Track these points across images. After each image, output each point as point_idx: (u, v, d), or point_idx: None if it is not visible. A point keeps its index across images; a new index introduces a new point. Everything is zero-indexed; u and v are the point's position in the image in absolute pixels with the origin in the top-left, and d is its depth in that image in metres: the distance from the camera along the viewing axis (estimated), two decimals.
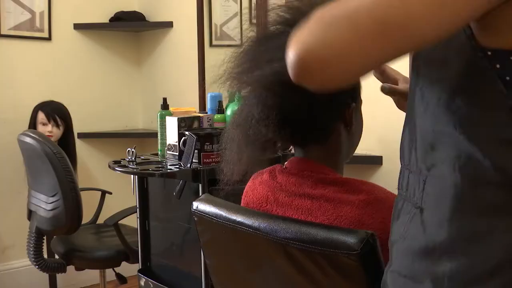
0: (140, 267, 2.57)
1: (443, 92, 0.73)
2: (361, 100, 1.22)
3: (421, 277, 0.73)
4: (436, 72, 0.75)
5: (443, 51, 0.73)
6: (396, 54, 0.65)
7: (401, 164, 0.83)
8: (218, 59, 1.17)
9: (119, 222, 2.55)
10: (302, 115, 1.12)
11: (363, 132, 1.26)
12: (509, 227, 0.67)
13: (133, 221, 2.65)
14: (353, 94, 1.18)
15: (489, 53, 0.67)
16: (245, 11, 3.04)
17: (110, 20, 3.52)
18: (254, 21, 1.22)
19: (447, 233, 0.70)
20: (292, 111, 1.11)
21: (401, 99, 1.17)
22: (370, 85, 1.23)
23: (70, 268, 2.70)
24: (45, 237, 2.67)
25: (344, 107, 1.16)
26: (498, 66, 0.67)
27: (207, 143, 2.16)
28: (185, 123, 2.29)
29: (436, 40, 0.65)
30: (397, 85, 1.17)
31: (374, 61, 0.65)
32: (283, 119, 1.11)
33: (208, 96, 2.62)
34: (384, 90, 1.15)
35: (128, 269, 2.89)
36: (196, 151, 2.15)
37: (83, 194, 2.52)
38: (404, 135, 0.83)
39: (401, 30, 0.61)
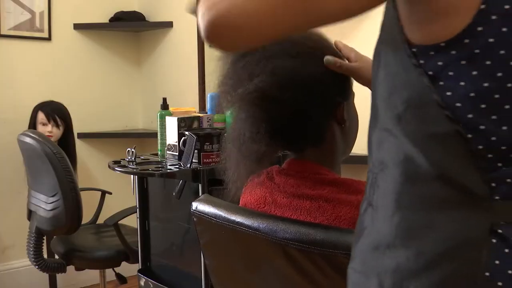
0: (140, 267, 2.57)
1: (384, 91, 0.75)
2: (353, 94, 1.22)
3: (369, 272, 0.75)
4: (380, 72, 0.76)
5: (385, 50, 0.75)
6: (309, 23, 0.68)
7: None
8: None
9: (119, 222, 2.55)
10: (291, 123, 1.12)
11: (363, 133, 1.25)
12: (446, 221, 0.68)
13: (133, 221, 2.65)
14: (343, 92, 1.18)
15: (414, 49, 0.69)
16: None
17: (110, 20, 3.52)
18: None
19: (389, 229, 0.72)
20: (281, 121, 1.11)
21: (355, 77, 1.17)
22: None
23: (70, 268, 2.70)
24: (45, 237, 2.67)
25: (334, 107, 1.16)
26: (422, 61, 0.69)
27: (207, 143, 2.16)
28: (185, 123, 2.30)
29: (343, 15, 0.69)
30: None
31: (287, 27, 0.69)
32: (273, 131, 1.11)
33: (208, 96, 2.62)
34: (327, 61, 1.12)
35: (128, 269, 2.89)
36: (196, 151, 2.15)
37: (83, 194, 2.52)
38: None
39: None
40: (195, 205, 1.22)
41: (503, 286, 0.68)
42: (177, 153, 2.28)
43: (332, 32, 1.09)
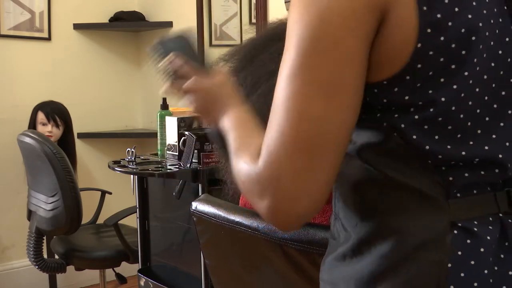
0: (140, 267, 2.57)
1: None
2: None
3: (337, 282, 0.76)
4: None
5: None
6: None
7: None
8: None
9: (119, 222, 2.55)
10: None
11: None
12: (407, 225, 0.70)
13: (133, 221, 2.65)
14: None
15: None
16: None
17: (109, 20, 3.52)
18: (253, 21, 1.22)
19: (354, 237, 0.75)
20: None
21: None
22: None
23: (70, 268, 2.70)
24: (45, 237, 2.67)
25: None
26: (368, 99, 0.72)
27: (207, 143, 2.16)
28: (184, 123, 2.30)
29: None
30: None
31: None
32: None
33: None
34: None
35: (128, 269, 2.89)
36: (195, 151, 2.15)
37: (83, 194, 2.52)
38: None
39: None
40: (195, 205, 1.22)
41: (465, 277, 0.68)
42: (177, 153, 2.28)
43: None
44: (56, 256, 2.75)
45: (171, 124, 2.31)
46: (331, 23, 0.66)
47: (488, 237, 0.70)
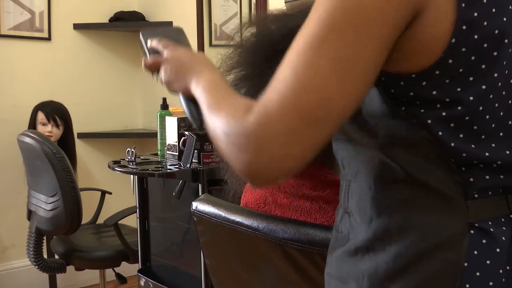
0: (140, 267, 2.57)
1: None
2: None
3: (347, 278, 0.76)
4: None
5: None
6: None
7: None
8: (218, 59, 1.17)
9: (119, 222, 2.55)
10: None
11: None
12: (423, 223, 0.71)
13: (133, 221, 2.64)
14: None
15: (382, 78, 0.72)
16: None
17: (109, 20, 3.51)
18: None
19: (368, 233, 0.74)
20: None
21: None
22: None
23: (70, 268, 2.70)
24: (45, 237, 2.67)
25: None
26: (392, 90, 0.72)
27: (207, 143, 2.16)
28: (185, 123, 2.30)
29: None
30: None
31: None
32: None
33: None
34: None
35: (128, 269, 2.89)
36: (195, 151, 2.15)
37: (83, 194, 2.52)
38: None
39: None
40: (195, 204, 1.22)
41: (481, 276, 0.69)
42: (177, 153, 2.28)
43: None
44: (56, 256, 2.75)
45: (171, 124, 2.31)
46: (361, 3, 0.66)
47: (503, 238, 0.71)
